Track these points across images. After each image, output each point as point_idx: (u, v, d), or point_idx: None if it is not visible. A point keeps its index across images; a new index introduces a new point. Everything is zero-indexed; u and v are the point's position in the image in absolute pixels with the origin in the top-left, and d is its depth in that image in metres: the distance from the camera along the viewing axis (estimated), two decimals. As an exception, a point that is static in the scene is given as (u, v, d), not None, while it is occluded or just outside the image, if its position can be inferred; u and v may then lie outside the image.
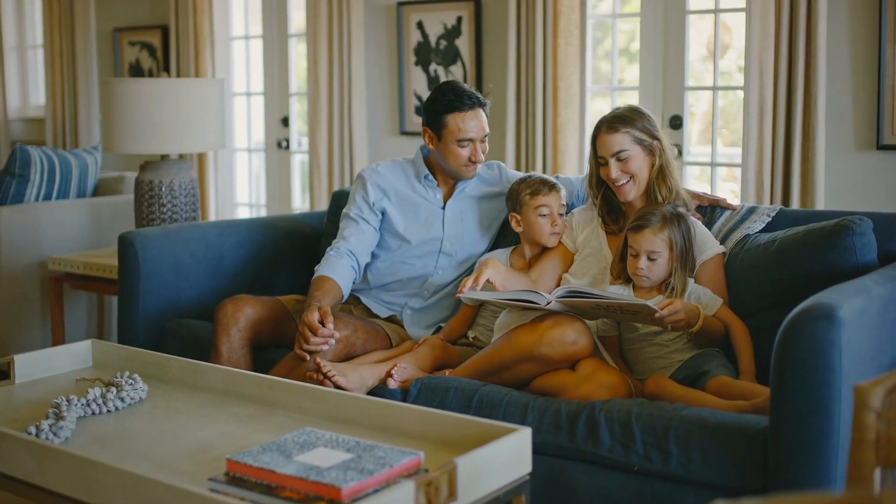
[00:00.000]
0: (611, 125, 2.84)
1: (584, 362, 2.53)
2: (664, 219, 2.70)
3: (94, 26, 5.90)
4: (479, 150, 3.00)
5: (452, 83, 3.03)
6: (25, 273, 3.84)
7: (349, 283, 3.00)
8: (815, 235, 2.64)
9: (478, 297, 2.72)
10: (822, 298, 2.04)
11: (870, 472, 1.55)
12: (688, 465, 2.20)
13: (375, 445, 1.87)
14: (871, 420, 1.55)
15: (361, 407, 2.13)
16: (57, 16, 5.95)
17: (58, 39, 5.96)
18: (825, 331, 1.97)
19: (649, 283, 2.72)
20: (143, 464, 1.92)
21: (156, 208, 3.62)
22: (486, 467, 1.81)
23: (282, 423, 2.16)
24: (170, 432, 2.11)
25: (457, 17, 4.65)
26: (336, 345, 2.75)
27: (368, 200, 3.11)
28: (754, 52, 3.75)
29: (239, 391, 2.33)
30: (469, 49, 4.63)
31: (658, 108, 4.20)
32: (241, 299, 2.91)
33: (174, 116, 3.55)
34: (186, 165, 3.75)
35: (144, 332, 3.11)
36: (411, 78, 4.82)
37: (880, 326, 2.17)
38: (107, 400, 2.23)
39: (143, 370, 2.50)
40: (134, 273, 3.08)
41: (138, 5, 5.77)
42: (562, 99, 4.29)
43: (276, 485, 1.75)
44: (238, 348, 2.85)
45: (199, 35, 5.37)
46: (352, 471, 1.75)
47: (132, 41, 5.81)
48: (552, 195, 2.95)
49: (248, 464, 1.79)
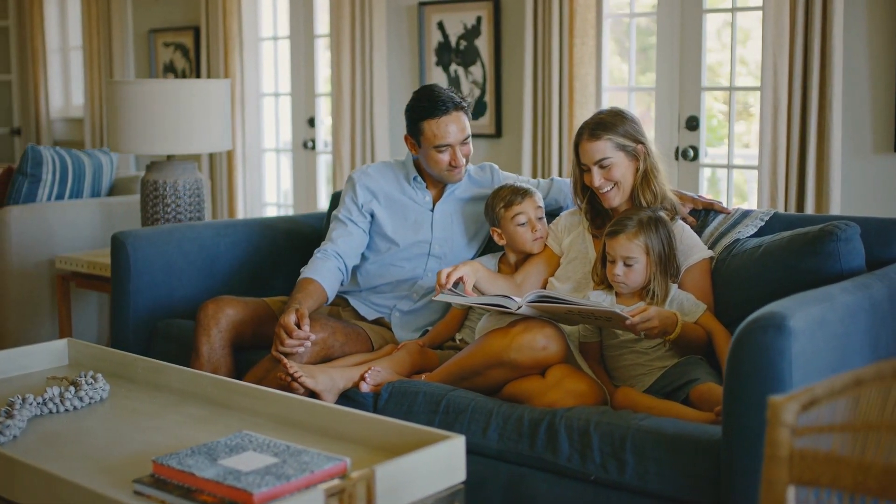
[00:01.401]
0: (592, 132, 2.78)
1: (554, 368, 2.49)
2: (640, 224, 2.64)
3: (130, 28, 5.99)
4: (458, 155, 2.96)
5: (428, 88, 3.00)
6: (35, 271, 3.91)
7: (335, 285, 2.99)
8: (799, 241, 2.55)
9: (452, 301, 2.69)
10: (774, 307, 1.98)
11: (782, 489, 1.48)
12: (643, 475, 2.15)
13: (304, 451, 1.86)
14: (784, 436, 1.48)
15: (308, 411, 2.11)
16: (95, 17, 6.05)
17: (96, 41, 6.07)
18: (774, 341, 1.91)
19: (628, 290, 2.66)
20: (81, 463, 1.93)
21: (160, 208, 3.66)
22: (412, 475, 1.78)
23: (232, 424, 2.15)
24: (121, 432, 2.12)
25: (476, 17, 4.62)
26: (312, 347, 2.74)
27: (357, 202, 3.09)
28: (769, 50, 3.65)
29: (198, 392, 2.33)
30: (488, 49, 4.59)
31: (674, 108, 4.12)
32: (223, 300, 2.92)
33: (179, 117, 3.58)
34: (192, 166, 3.78)
35: (135, 331, 3.14)
36: (432, 78, 4.80)
37: (845, 336, 2.09)
38: (64, 399, 2.24)
39: (113, 370, 2.52)
40: (125, 272, 3.11)
41: (173, 7, 5.84)
42: (577, 99, 4.23)
43: (195, 488, 1.75)
44: (219, 349, 2.86)
45: (228, 36, 5.42)
46: (270, 476, 1.74)
47: (166, 42, 5.89)
48: (526, 202, 2.91)
49: (172, 466, 1.78)
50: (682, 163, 4.13)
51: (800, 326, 1.92)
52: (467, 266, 2.75)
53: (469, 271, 2.73)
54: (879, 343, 2.23)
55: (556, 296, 2.46)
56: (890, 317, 2.27)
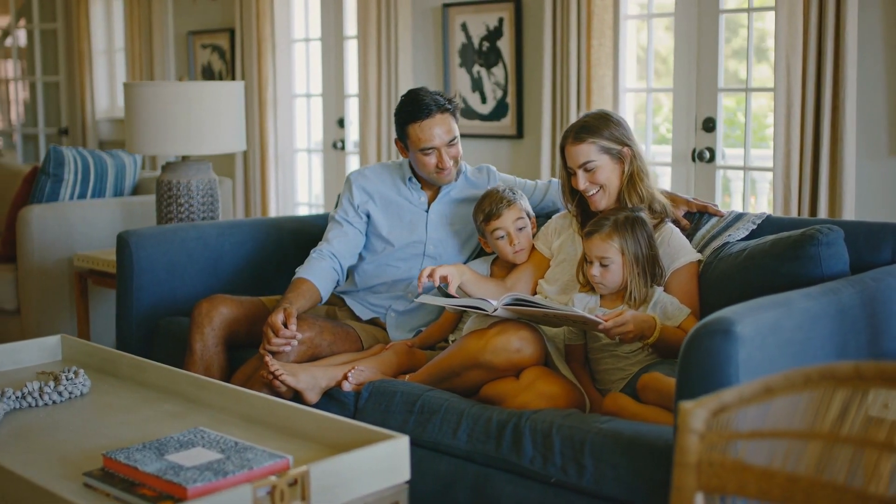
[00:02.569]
0: (576, 136, 2.78)
1: (528, 371, 2.50)
2: (615, 224, 2.63)
3: (171, 30, 6.11)
4: (444, 157, 2.98)
5: (414, 92, 3.02)
6: (56, 269, 4.02)
7: (329, 284, 3.03)
8: (781, 245, 2.53)
9: (430, 302, 2.72)
10: (724, 312, 1.96)
11: (690, 496, 1.48)
12: (601, 479, 2.15)
13: (251, 448, 1.90)
14: (692, 442, 1.48)
15: (271, 409, 2.15)
16: (137, 20, 6.19)
17: (137, 43, 6.21)
18: (721, 346, 1.89)
19: (606, 290, 2.66)
20: (44, 456, 1.99)
21: (174, 208, 3.74)
22: (350, 473, 1.81)
23: (200, 420, 2.20)
24: (92, 427, 2.18)
25: (498, 19, 4.63)
26: (299, 346, 2.78)
27: (353, 203, 3.13)
28: (782, 51, 3.60)
29: (175, 389, 2.39)
30: (510, 50, 4.60)
31: (691, 110, 4.08)
32: (217, 299, 2.98)
33: (193, 119, 3.66)
34: (206, 167, 3.86)
35: (138, 328, 3.22)
36: (456, 79, 4.83)
37: (804, 343, 2.07)
38: (43, 394, 2.32)
39: (100, 366, 2.60)
40: (128, 270, 3.19)
41: (210, 9, 5.95)
42: (595, 101, 4.22)
43: (137, 482, 1.80)
44: (211, 346, 2.92)
45: (261, 38, 5.50)
46: (210, 471, 1.78)
47: (204, 44, 6.00)
48: (505, 215, 2.91)
49: (119, 460, 1.84)
50: (698, 164, 4.09)
51: (748, 332, 1.90)
52: (452, 267, 2.77)
53: (454, 272, 2.75)
54: (848, 349, 2.20)
55: (530, 299, 2.47)
56: (862, 323, 2.24)
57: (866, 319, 2.25)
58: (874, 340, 2.27)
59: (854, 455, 1.37)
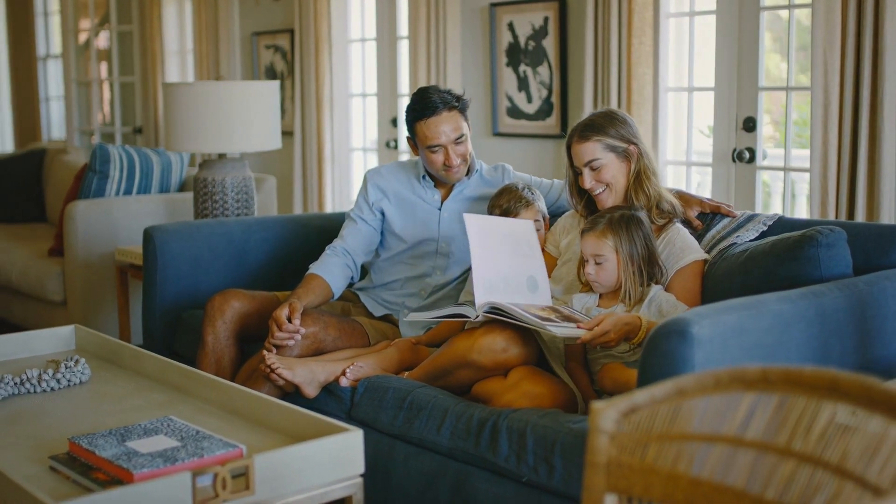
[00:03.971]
0: (582, 134, 2.77)
1: (515, 370, 2.49)
2: (610, 222, 2.61)
3: (237, 31, 6.25)
4: (451, 154, 2.99)
5: (422, 90, 3.03)
6: (100, 262, 4.16)
7: (341, 281, 3.07)
8: (781, 246, 2.47)
9: (416, 320, 2.73)
10: (686, 313, 1.93)
11: (600, 497, 1.47)
12: (569, 480, 2.13)
13: (209, 437, 1.95)
14: (602, 443, 1.47)
15: (246, 401, 2.20)
16: (205, 21, 6.35)
17: (205, 43, 6.37)
18: (677, 348, 1.87)
19: (602, 289, 2.64)
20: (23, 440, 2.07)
21: (209, 204, 3.83)
22: (299, 465, 1.84)
23: (183, 410, 2.27)
24: (79, 413, 2.26)
25: (544, 18, 4.61)
26: (303, 340, 2.83)
27: (368, 200, 3.17)
28: (819, 48, 3.51)
29: (167, 379, 2.46)
30: (554, 49, 4.58)
31: (732, 109, 4.00)
32: (230, 293, 3.04)
33: (228, 118, 3.74)
34: (242, 164, 3.95)
35: (161, 320, 3.31)
36: (503, 79, 4.82)
37: (776, 346, 2.02)
38: (41, 380, 2.41)
39: (106, 355, 2.69)
40: (152, 264, 3.29)
41: (273, 10, 6.06)
42: (635, 100, 4.17)
43: (94, 466, 1.86)
44: (223, 339, 2.99)
45: (318, 38, 5.59)
46: (161, 458, 1.84)
47: (267, 45, 6.12)
48: (521, 215, 2.91)
49: (82, 445, 1.91)
50: (738, 165, 4.01)
51: (705, 334, 1.87)
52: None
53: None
54: (830, 354, 2.14)
55: (506, 310, 2.45)
56: (848, 328, 2.18)
57: (854, 324, 2.18)
58: (863, 346, 2.20)
59: (755, 460, 1.34)
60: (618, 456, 1.46)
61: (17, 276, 4.52)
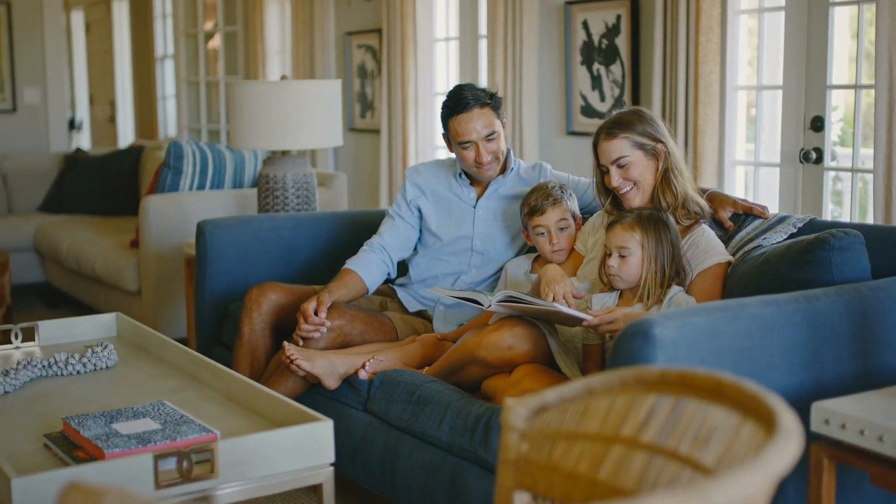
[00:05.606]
0: (609, 131, 2.75)
1: (519, 368, 2.50)
2: (639, 217, 2.60)
3: (332, 31, 6.39)
4: (482, 151, 3.01)
5: (457, 87, 3.06)
6: (171, 255, 4.34)
7: (376, 276, 3.13)
8: (794, 249, 2.41)
9: (438, 294, 2.77)
10: (653, 315, 1.91)
11: (509, 493, 1.48)
12: (549, 478, 2.13)
13: (189, 421, 2.04)
14: (512, 440, 1.48)
15: (242, 389, 2.28)
16: (301, 21, 6.52)
17: (301, 43, 6.54)
18: (640, 349, 1.85)
19: (622, 284, 2.61)
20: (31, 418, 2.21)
21: (270, 199, 3.95)
22: (267, 451, 1.91)
23: (188, 396, 2.37)
24: (93, 396, 2.39)
25: (616, 16, 4.57)
26: (329, 333, 2.90)
27: (406, 198, 3.22)
28: (884, 45, 3.38)
29: (182, 367, 2.57)
30: (626, 48, 4.53)
31: (800, 108, 3.89)
32: (267, 285, 3.14)
33: (290, 115, 3.85)
34: (303, 161, 4.05)
35: (210, 311, 3.44)
36: (577, 78, 4.80)
37: (755, 349, 1.98)
38: (68, 364, 2.55)
39: (139, 342, 2.82)
40: (203, 257, 3.42)
41: (365, 10, 6.18)
42: (701, 99, 4.09)
43: (77, 444, 1.97)
44: (258, 331, 3.08)
45: (404, 37, 5.67)
46: (136, 440, 1.93)
47: (359, 44, 6.24)
48: (549, 213, 2.91)
49: (71, 425, 2.02)
50: (805, 166, 3.89)
51: (668, 335, 1.85)
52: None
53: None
54: (824, 361, 2.08)
55: (520, 296, 2.47)
56: (845, 334, 2.11)
57: (853, 331, 2.11)
58: (864, 354, 2.13)
59: (648, 462, 1.33)
60: (527, 453, 1.47)
61: (100, 266, 4.75)
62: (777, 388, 2.00)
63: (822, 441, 1.89)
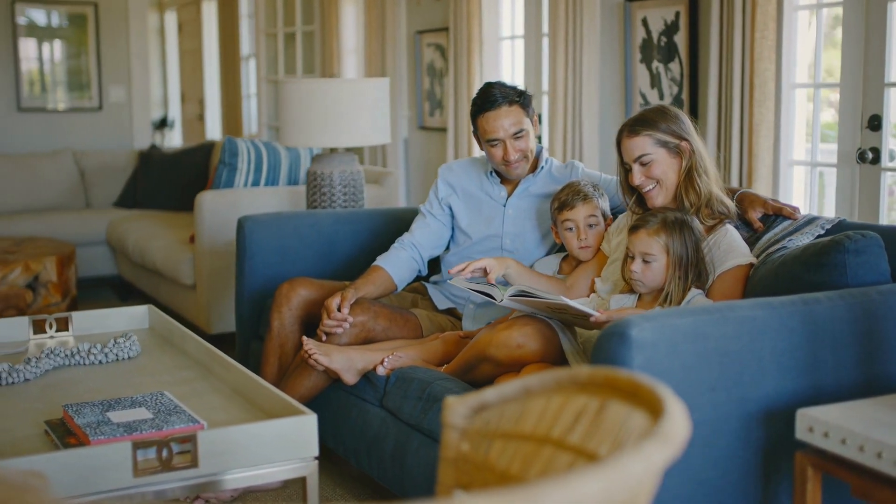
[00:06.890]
0: (632, 129, 2.71)
1: (527, 367, 2.49)
2: (664, 222, 2.55)
3: (403, 29, 6.44)
4: (510, 149, 2.99)
5: (486, 84, 3.05)
6: (225, 249, 4.41)
7: (405, 274, 3.14)
8: (810, 252, 2.34)
9: (458, 285, 2.77)
10: (633, 316, 1.87)
11: (449, 492, 1.47)
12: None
13: (180, 412, 2.08)
14: (452, 438, 1.47)
15: (244, 381, 2.32)
16: (374, 20, 6.58)
17: (373, 42, 6.59)
18: (617, 350, 1.82)
19: (644, 288, 2.57)
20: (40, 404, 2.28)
21: (317, 196, 4.00)
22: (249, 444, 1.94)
23: (198, 387, 2.42)
24: (107, 385, 2.45)
25: (675, 13, 4.49)
26: (352, 329, 2.92)
27: (438, 196, 3.23)
28: (940, 42, 3.25)
29: (198, 358, 2.62)
30: (684, 45, 4.45)
31: (857, 106, 3.76)
32: (297, 281, 3.18)
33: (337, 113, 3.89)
34: (350, 158, 4.08)
35: (249, 304, 3.50)
36: (636, 76, 4.73)
37: (744, 353, 1.92)
38: (90, 354, 2.63)
39: (166, 334, 2.89)
40: (243, 252, 3.47)
41: (435, 8, 6.20)
42: (756, 97, 3.99)
43: (71, 431, 2.04)
44: (288, 325, 3.12)
45: (471, 36, 5.67)
46: (124, 428, 1.99)
47: (429, 43, 6.27)
48: (578, 209, 2.88)
49: (69, 412, 2.09)
50: (861, 166, 3.76)
51: (646, 337, 1.81)
52: (494, 259, 2.80)
53: (493, 263, 2.78)
54: (822, 366, 2.01)
55: (531, 291, 2.46)
56: (847, 339, 2.03)
57: (856, 336, 2.04)
58: (868, 360, 2.05)
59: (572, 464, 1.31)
60: (467, 452, 1.46)
61: (161, 260, 4.88)
62: (767, 393, 1.94)
63: (807, 449, 1.83)
